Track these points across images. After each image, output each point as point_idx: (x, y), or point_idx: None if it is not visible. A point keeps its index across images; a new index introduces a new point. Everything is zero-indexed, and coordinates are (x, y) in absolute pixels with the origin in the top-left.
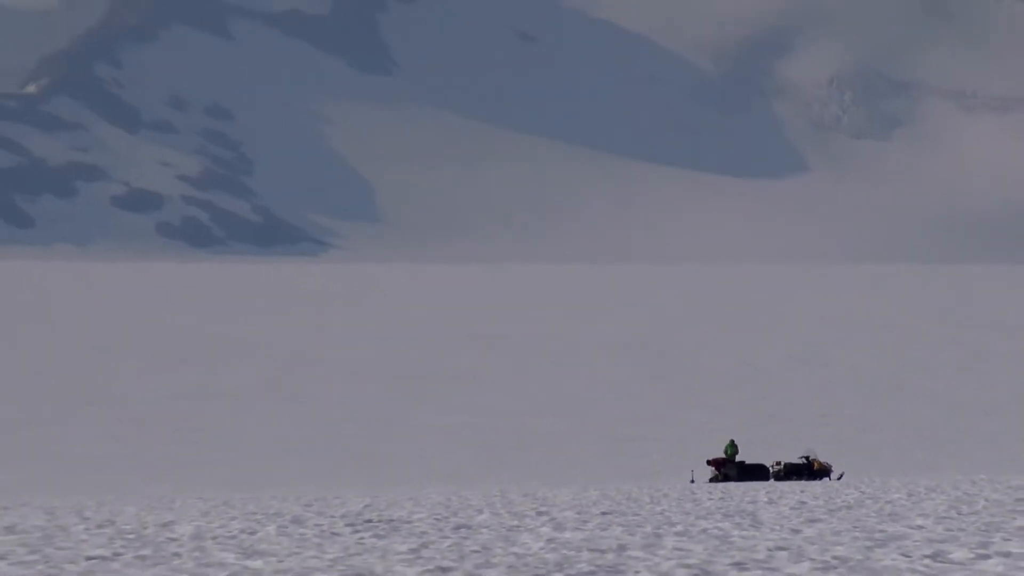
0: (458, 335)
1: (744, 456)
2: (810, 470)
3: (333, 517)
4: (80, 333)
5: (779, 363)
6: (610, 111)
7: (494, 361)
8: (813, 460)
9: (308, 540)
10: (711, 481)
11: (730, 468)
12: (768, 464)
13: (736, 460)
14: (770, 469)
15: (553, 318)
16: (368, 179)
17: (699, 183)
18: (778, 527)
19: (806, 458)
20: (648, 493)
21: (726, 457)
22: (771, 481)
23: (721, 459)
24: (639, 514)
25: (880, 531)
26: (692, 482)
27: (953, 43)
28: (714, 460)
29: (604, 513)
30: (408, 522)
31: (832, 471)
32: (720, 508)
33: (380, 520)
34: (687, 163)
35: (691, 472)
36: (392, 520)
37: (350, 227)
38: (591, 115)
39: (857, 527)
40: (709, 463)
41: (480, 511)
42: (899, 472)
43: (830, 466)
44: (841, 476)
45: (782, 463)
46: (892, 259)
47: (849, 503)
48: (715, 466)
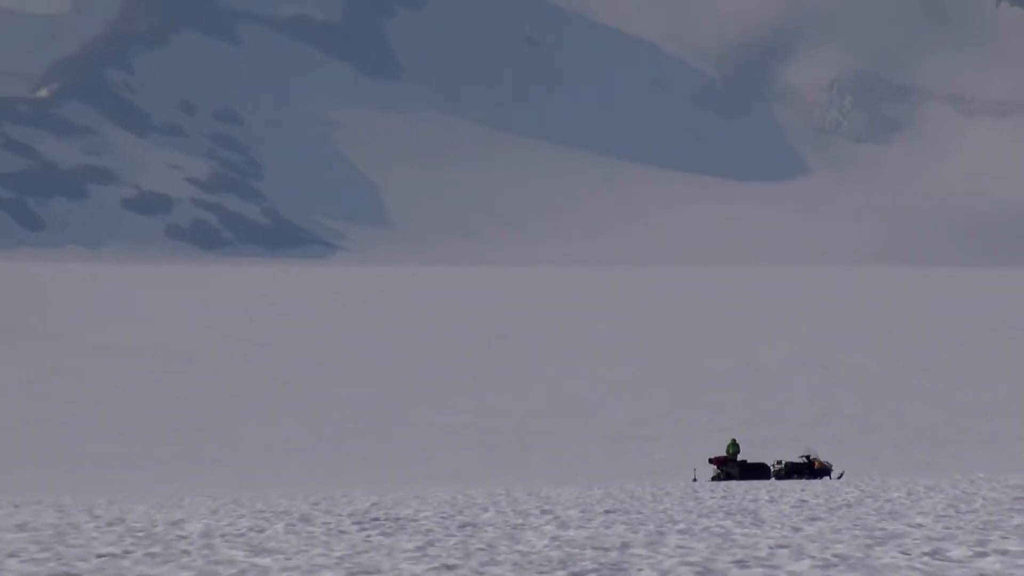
0: (463, 336)
1: (745, 455)
2: (811, 469)
3: (340, 515)
4: (90, 334)
5: (780, 363)
6: (613, 115)
7: (499, 362)
8: (814, 459)
9: (316, 538)
10: (713, 480)
11: (732, 467)
12: (769, 463)
13: (738, 459)
14: (771, 468)
15: (557, 319)
16: (375, 182)
17: (701, 186)
18: (779, 525)
19: (807, 457)
20: (651, 492)
21: (728, 456)
22: (772, 480)
23: (723, 457)
24: (642, 512)
25: (880, 529)
26: (694, 481)
27: (952, 48)
28: (716, 458)
29: (607, 511)
30: (414, 520)
31: (832, 470)
32: (722, 506)
33: (387, 518)
34: (689, 166)
35: (693, 471)
36: (398, 518)
37: (357, 229)
38: (595, 119)
39: (857, 525)
40: (711, 461)
41: (485, 509)
42: (899, 471)
43: (830, 465)
44: (841, 475)
45: (783, 462)
46: (892, 261)
47: (849, 501)
48: (717, 464)
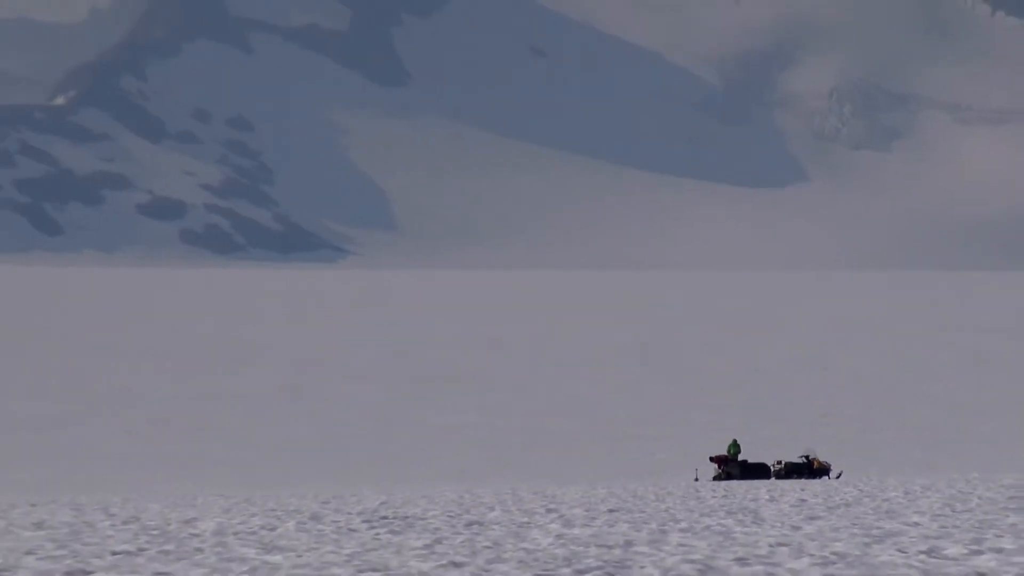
0: (469, 338)
1: (746, 455)
2: (810, 469)
3: (350, 514)
4: (106, 336)
5: (780, 365)
6: (617, 122)
7: (504, 363)
8: (813, 459)
9: (326, 536)
10: (714, 479)
11: (733, 467)
12: (769, 463)
13: (739, 459)
14: (771, 468)
15: (561, 321)
16: (383, 188)
17: (703, 191)
18: (779, 524)
19: (806, 457)
20: (653, 491)
21: (728, 455)
22: (772, 479)
23: (723, 456)
24: (645, 511)
25: (877, 528)
26: (696, 480)
27: (950, 57)
28: (716, 457)
29: (611, 510)
30: (422, 519)
31: (831, 470)
32: (723, 505)
33: (395, 517)
34: (691, 172)
35: (695, 471)
36: (407, 517)
37: (366, 234)
38: (599, 126)
39: (855, 524)
40: (712, 459)
41: (492, 508)
42: (896, 471)
43: (829, 465)
44: (840, 475)
45: (783, 462)
46: (890, 265)
47: (848, 501)
48: (717, 462)
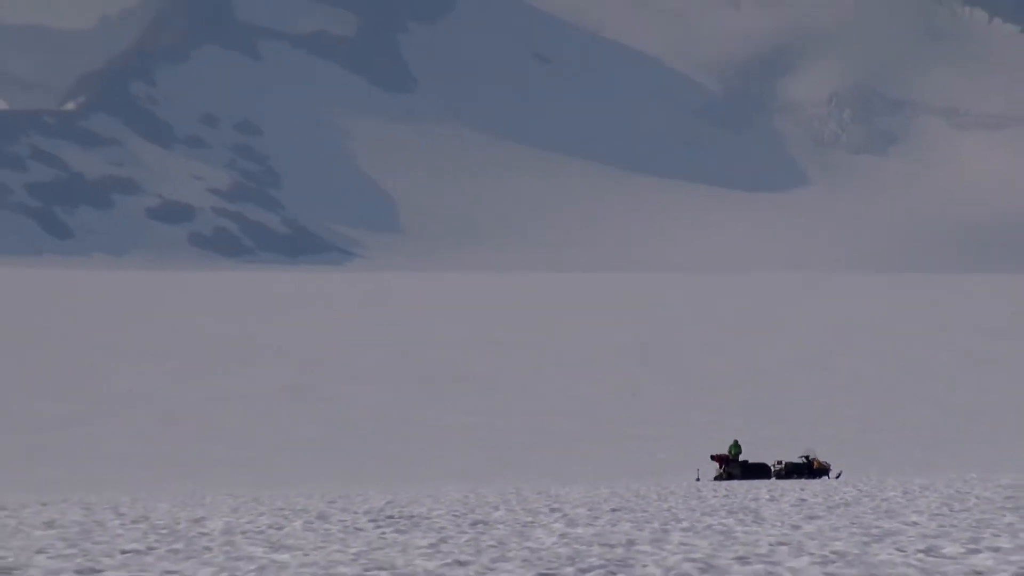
0: (474, 339)
1: (747, 455)
2: (810, 469)
3: (356, 513)
4: (115, 338)
5: (781, 366)
6: (619, 127)
7: (508, 365)
8: (813, 459)
9: (333, 535)
10: (716, 479)
11: (734, 467)
12: (770, 463)
13: (739, 459)
14: (772, 468)
15: (564, 324)
16: (389, 192)
17: (704, 195)
18: (779, 523)
19: (806, 457)
20: (655, 491)
21: (729, 455)
22: (773, 479)
23: (724, 455)
24: (647, 511)
25: (876, 527)
26: (698, 480)
27: (947, 63)
28: (717, 455)
29: (614, 510)
30: (427, 518)
31: (831, 470)
32: (724, 505)
33: (401, 516)
34: (692, 176)
35: (697, 470)
36: (412, 516)
37: (372, 237)
38: (602, 131)
39: (854, 523)
40: (713, 458)
41: (496, 508)
42: (895, 471)
43: (829, 465)
44: (839, 475)
45: (783, 462)
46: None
47: (847, 500)
48: (718, 461)
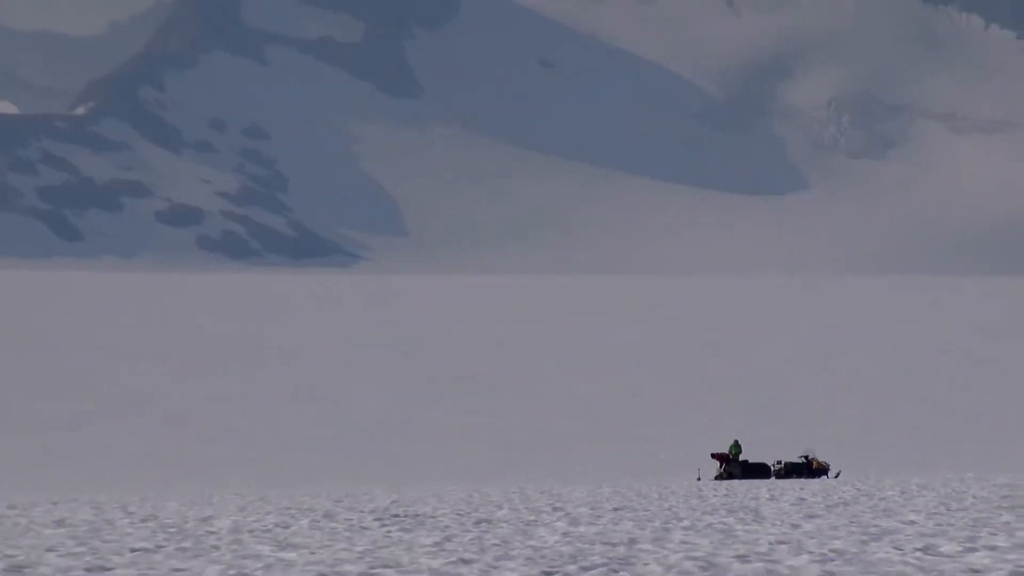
0: (478, 341)
1: (747, 455)
2: (809, 468)
3: (362, 512)
4: (125, 339)
5: (781, 367)
6: (623, 132)
7: (511, 365)
8: (812, 459)
9: (339, 533)
10: (716, 479)
11: (734, 466)
12: (769, 463)
13: (740, 459)
14: (771, 467)
15: (567, 325)
16: (395, 195)
17: (705, 199)
18: (779, 522)
19: (805, 457)
20: (657, 490)
21: (729, 455)
22: (772, 479)
23: (724, 453)
24: (649, 509)
25: (874, 526)
26: (698, 479)
27: (944, 69)
28: (717, 454)
29: (616, 509)
30: (432, 517)
31: (830, 469)
32: (724, 504)
33: (406, 515)
34: (693, 180)
35: (698, 470)
36: (417, 515)
37: (378, 240)
38: (605, 136)
39: (853, 522)
40: (713, 456)
41: (499, 507)
42: (893, 471)
43: (828, 465)
44: (838, 474)
45: (783, 462)
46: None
47: (845, 500)
48: (719, 459)
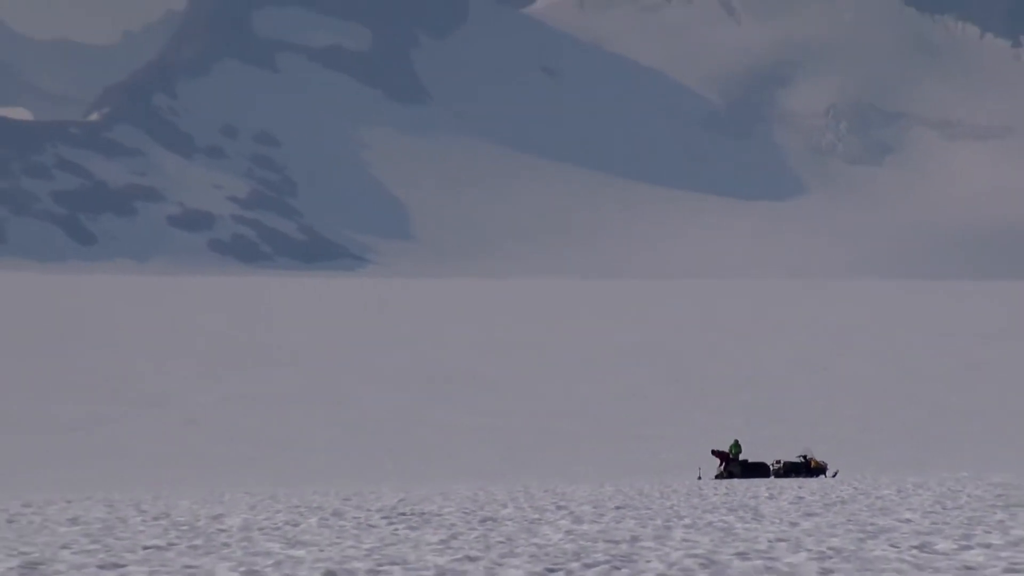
0: (483, 342)
1: (747, 455)
2: (807, 468)
3: (370, 510)
4: (138, 341)
5: (780, 369)
6: (625, 138)
7: (516, 366)
8: (810, 459)
9: (347, 531)
10: (716, 478)
11: (734, 466)
12: (769, 462)
13: (739, 459)
14: (771, 467)
15: (571, 327)
16: (402, 200)
17: (705, 204)
18: (778, 520)
19: (804, 457)
20: (658, 489)
21: (729, 454)
22: (771, 478)
23: (724, 451)
24: (650, 508)
25: (871, 524)
26: (699, 479)
27: (940, 77)
28: (718, 452)
29: (618, 507)
30: (438, 515)
31: (828, 469)
32: (725, 503)
33: (413, 513)
34: (694, 185)
35: (698, 469)
36: (424, 513)
37: (385, 244)
38: (608, 142)
39: (850, 520)
40: (714, 453)
41: (504, 505)
42: (890, 470)
43: (826, 464)
44: (836, 474)
45: (781, 461)
46: (885, 274)
47: (843, 498)
48: (719, 457)
